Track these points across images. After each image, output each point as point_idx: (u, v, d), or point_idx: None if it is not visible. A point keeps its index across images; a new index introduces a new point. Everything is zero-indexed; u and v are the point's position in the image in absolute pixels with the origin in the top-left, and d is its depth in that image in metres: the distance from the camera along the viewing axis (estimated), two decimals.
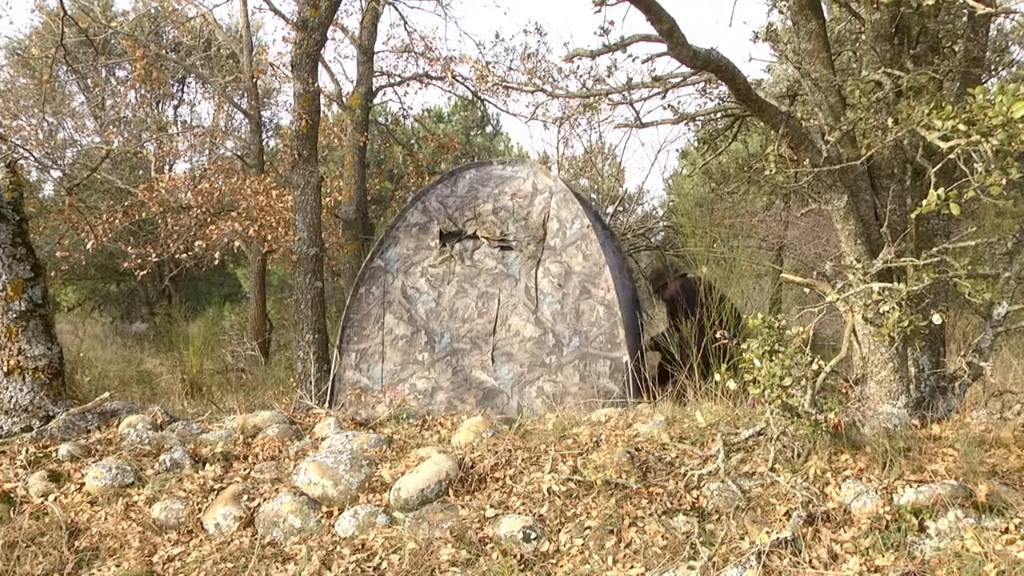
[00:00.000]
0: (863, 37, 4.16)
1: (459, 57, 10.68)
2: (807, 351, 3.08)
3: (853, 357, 3.68)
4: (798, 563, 2.77)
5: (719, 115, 6.43)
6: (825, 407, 3.21)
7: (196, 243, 7.92)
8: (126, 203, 8.62)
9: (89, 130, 12.52)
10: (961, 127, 2.59)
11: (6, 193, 4.79)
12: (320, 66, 9.40)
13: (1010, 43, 7.05)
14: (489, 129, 16.24)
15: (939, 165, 2.89)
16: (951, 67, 3.97)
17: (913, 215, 3.05)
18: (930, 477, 3.12)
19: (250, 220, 7.92)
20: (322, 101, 7.75)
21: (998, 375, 4.82)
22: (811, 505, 3.05)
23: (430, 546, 3.14)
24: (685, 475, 3.37)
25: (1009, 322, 3.87)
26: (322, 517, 3.49)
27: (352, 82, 10.50)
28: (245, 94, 11.03)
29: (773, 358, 3.07)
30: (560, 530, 3.16)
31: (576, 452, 3.71)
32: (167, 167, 11.91)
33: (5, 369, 4.56)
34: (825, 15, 4.07)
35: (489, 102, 12.03)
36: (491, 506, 3.36)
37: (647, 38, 3.20)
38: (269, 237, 8.04)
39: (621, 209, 11.70)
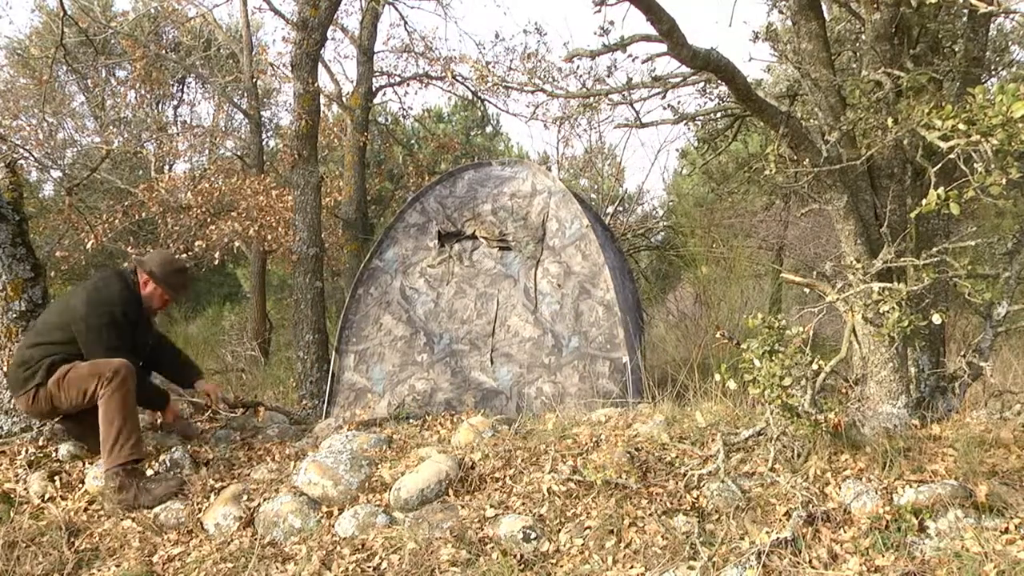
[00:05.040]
0: (863, 37, 4.16)
1: (459, 57, 10.72)
2: (807, 351, 3.08)
3: (853, 357, 3.68)
4: (798, 563, 2.77)
5: (719, 115, 6.44)
6: (825, 407, 3.21)
7: (196, 243, 7.93)
8: (126, 203, 8.63)
9: (89, 130, 12.53)
10: (961, 127, 2.59)
11: (6, 193, 4.79)
12: (320, 66, 9.41)
13: (1010, 43, 7.05)
14: (489, 129, 16.25)
15: (939, 165, 2.89)
16: (951, 67, 3.97)
17: (913, 215, 3.05)
18: (930, 477, 3.12)
19: (250, 220, 7.93)
20: (322, 101, 7.76)
21: (998, 375, 4.82)
22: (811, 505, 3.05)
23: (430, 546, 3.14)
24: (685, 475, 3.37)
25: (1009, 322, 3.87)
26: (322, 517, 3.49)
27: (352, 82, 10.52)
28: (245, 94, 11.04)
29: (773, 358, 3.07)
30: (560, 530, 3.16)
31: (576, 452, 3.71)
32: (167, 167, 11.91)
33: (5, 369, 4.56)
34: (825, 15, 4.07)
35: (489, 102, 12.06)
36: (491, 506, 3.36)
37: (647, 38, 3.20)
38: (269, 237, 8.05)
39: (621, 209, 11.70)
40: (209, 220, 8.30)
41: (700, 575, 2.77)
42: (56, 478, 3.84)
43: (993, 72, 6.83)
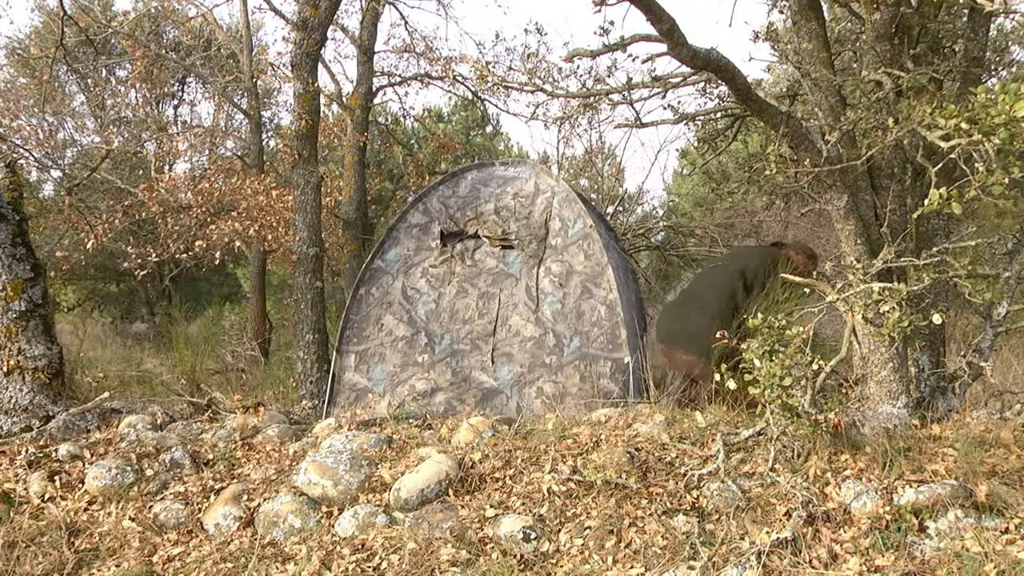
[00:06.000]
0: (863, 37, 4.16)
1: (459, 57, 10.68)
2: (807, 351, 3.08)
3: (853, 357, 3.68)
4: (798, 563, 2.77)
5: (719, 115, 6.43)
6: (825, 407, 3.21)
7: (196, 243, 7.91)
8: (126, 203, 8.62)
9: (89, 130, 12.51)
10: (963, 126, 2.59)
11: (6, 193, 4.79)
12: (320, 66, 9.39)
13: (1010, 43, 7.04)
14: (489, 129, 16.24)
15: (939, 165, 2.88)
16: (951, 67, 3.97)
17: (915, 215, 3.05)
18: (930, 477, 3.12)
19: (250, 220, 7.91)
20: (322, 101, 7.74)
21: (998, 375, 4.81)
22: (811, 505, 3.05)
23: (430, 546, 3.14)
24: (685, 475, 3.37)
25: (1009, 322, 3.87)
26: (322, 517, 3.49)
27: (352, 82, 10.49)
28: (245, 94, 11.03)
29: (773, 358, 3.07)
30: (560, 530, 3.16)
31: (576, 452, 3.71)
32: (167, 167, 11.90)
33: (5, 369, 4.56)
34: (825, 15, 4.07)
35: (489, 102, 12.03)
36: (491, 506, 3.36)
37: (647, 38, 3.20)
38: (269, 237, 8.03)
39: (621, 209, 11.69)
40: (209, 220, 8.28)
41: (700, 575, 2.77)
42: (56, 478, 3.84)
43: (993, 72, 6.83)
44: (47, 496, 3.72)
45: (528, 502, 3.35)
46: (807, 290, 3.49)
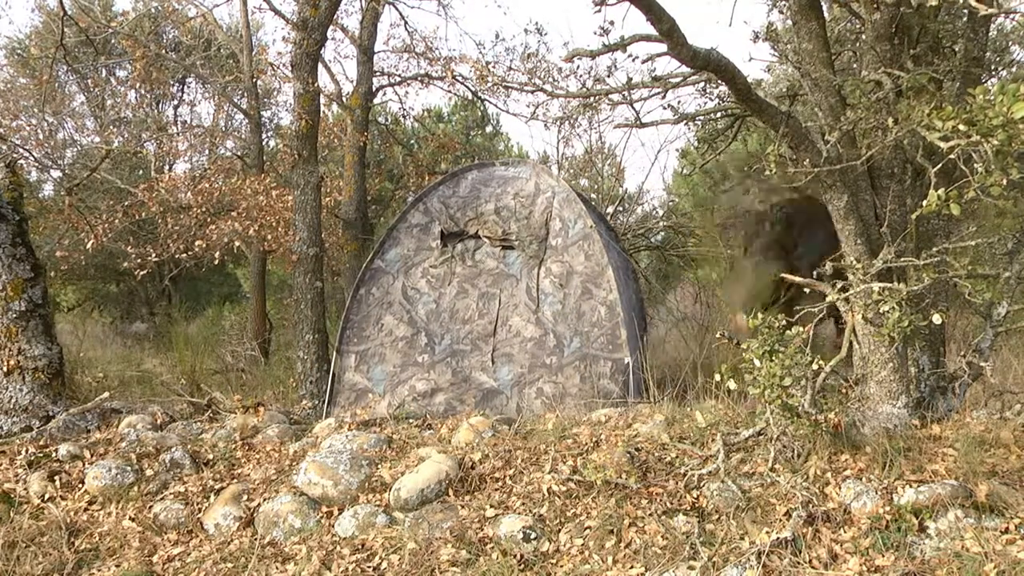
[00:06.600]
0: (863, 37, 4.16)
1: (459, 57, 10.67)
2: (807, 351, 3.08)
3: (853, 357, 3.68)
4: (798, 563, 2.77)
5: (719, 115, 6.42)
6: (825, 407, 3.21)
7: (196, 243, 7.91)
8: (126, 203, 8.61)
9: (89, 130, 12.50)
10: (962, 127, 2.59)
11: (6, 193, 4.79)
12: (320, 66, 9.38)
13: (1010, 43, 7.05)
14: (489, 129, 16.22)
15: (939, 165, 2.88)
16: (951, 67, 3.96)
17: (914, 215, 3.05)
18: (930, 477, 3.12)
19: (250, 220, 7.91)
20: (322, 101, 7.74)
21: (998, 375, 4.81)
22: (811, 505, 3.05)
23: (430, 546, 3.14)
24: (685, 475, 3.37)
25: (1009, 322, 3.87)
26: (322, 517, 3.49)
27: (352, 82, 10.48)
28: (245, 94, 11.02)
29: (773, 358, 3.07)
30: (560, 530, 3.16)
31: (576, 452, 3.71)
32: (167, 167, 11.89)
33: (5, 369, 4.56)
34: (825, 15, 4.07)
35: (489, 102, 12.02)
36: (491, 506, 3.36)
37: (647, 38, 3.20)
38: (269, 237, 8.03)
39: (621, 209, 11.69)
40: (209, 220, 8.28)
41: (700, 575, 2.78)
42: (56, 478, 3.84)
43: (993, 72, 6.83)
44: (47, 496, 3.72)
45: (528, 502, 3.35)
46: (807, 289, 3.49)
